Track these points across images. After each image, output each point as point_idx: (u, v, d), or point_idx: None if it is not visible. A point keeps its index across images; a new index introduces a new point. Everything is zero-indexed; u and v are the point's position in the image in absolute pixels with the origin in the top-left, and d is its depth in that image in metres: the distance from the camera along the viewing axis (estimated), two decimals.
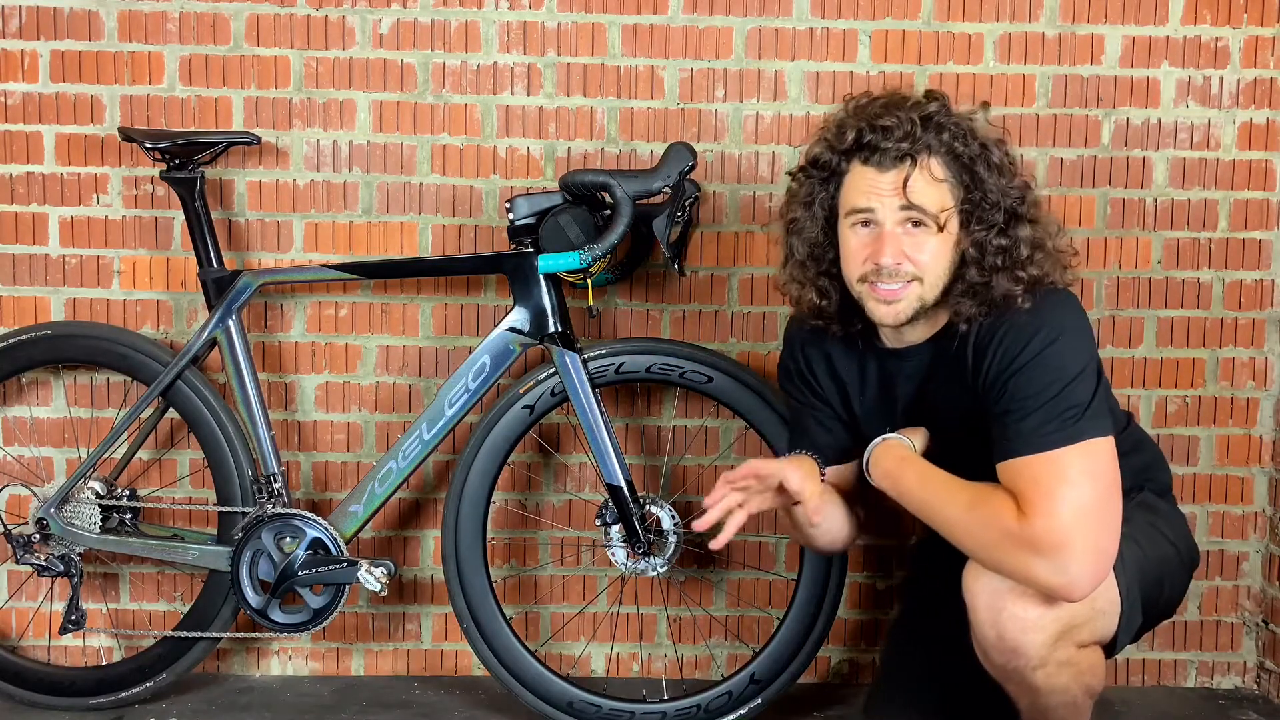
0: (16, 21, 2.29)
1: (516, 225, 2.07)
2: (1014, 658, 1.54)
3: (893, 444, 1.70)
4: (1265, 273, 2.37)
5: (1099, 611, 1.57)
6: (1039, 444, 1.51)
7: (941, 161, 1.59)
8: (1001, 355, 1.57)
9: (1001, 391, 1.56)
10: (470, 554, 2.16)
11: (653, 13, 2.31)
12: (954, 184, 1.60)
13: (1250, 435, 2.39)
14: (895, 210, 1.59)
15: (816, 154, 1.68)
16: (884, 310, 1.62)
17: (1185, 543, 1.77)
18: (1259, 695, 2.40)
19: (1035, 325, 1.57)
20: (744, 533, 2.39)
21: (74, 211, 2.34)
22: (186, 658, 2.22)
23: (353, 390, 2.38)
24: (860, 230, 1.63)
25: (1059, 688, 1.57)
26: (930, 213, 1.58)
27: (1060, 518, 1.46)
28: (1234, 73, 2.32)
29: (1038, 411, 1.52)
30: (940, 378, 1.69)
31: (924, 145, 1.58)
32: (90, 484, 2.22)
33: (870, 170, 1.61)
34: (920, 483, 1.63)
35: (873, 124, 1.60)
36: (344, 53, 2.31)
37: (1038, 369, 1.54)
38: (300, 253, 2.35)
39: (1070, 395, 1.52)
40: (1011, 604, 1.51)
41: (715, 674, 2.40)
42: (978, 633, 1.58)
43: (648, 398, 2.39)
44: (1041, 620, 1.51)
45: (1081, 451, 1.50)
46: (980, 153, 1.61)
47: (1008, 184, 1.62)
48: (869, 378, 1.78)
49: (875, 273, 1.61)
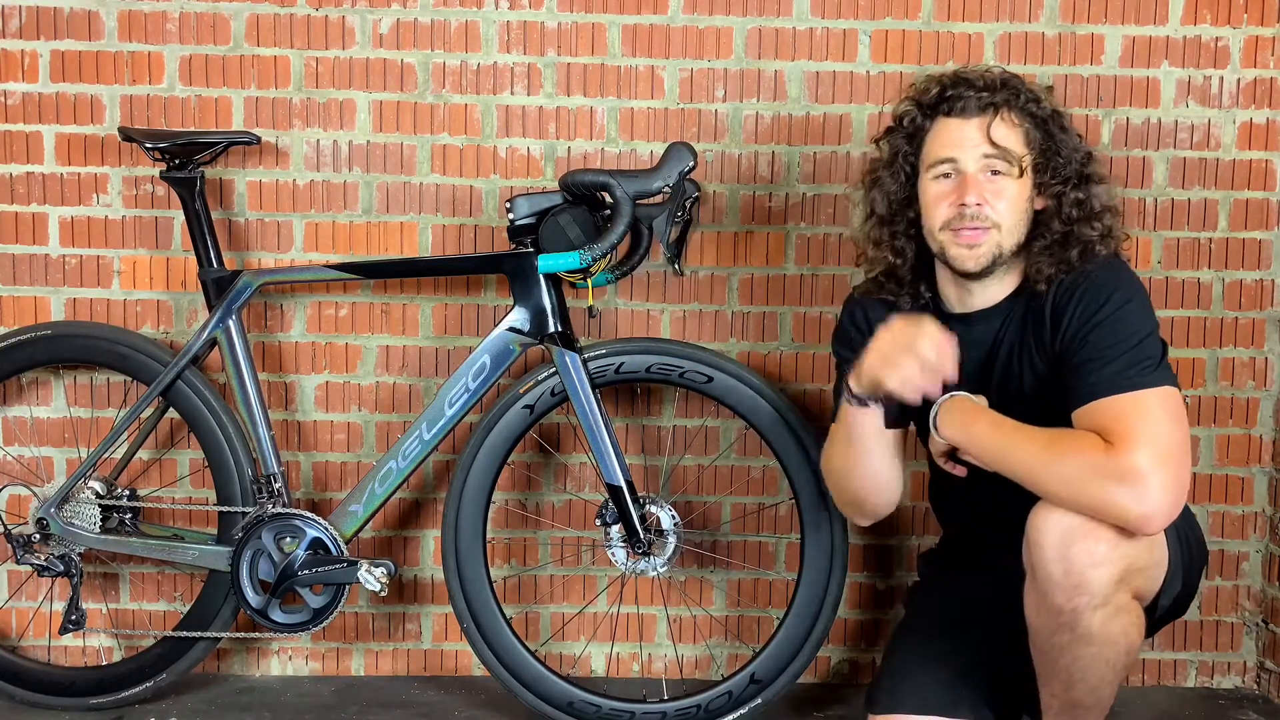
0: (16, 21, 2.29)
1: (516, 225, 2.07)
2: (1077, 594, 1.55)
3: (960, 399, 1.71)
4: (1265, 273, 2.37)
5: (1155, 561, 1.61)
6: (1125, 385, 1.58)
7: (1020, 114, 1.70)
8: (1082, 310, 1.65)
9: (1083, 343, 1.63)
10: (470, 554, 2.16)
11: (653, 13, 2.31)
12: (1032, 133, 1.70)
13: (1250, 435, 2.39)
14: (979, 157, 1.69)
15: (903, 111, 1.78)
16: (965, 255, 1.70)
17: (1201, 545, 1.81)
18: (1259, 695, 2.40)
19: (1113, 284, 1.66)
20: (744, 532, 2.41)
21: (74, 211, 2.34)
22: (186, 658, 2.22)
23: (353, 390, 2.38)
24: (943, 181, 1.72)
25: (1111, 637, 1.58)
26: (1014, 154, 1.68)
27: (1146, 450, 1.52)
28: (1234, 73, 2.33)
29: (1120, 358, 1.60)
30: (1011, 342, 1.75)
31: (1004, 98, 1.70)
32: (90, 484, 2.22)
33: (954, 120, 1.71)
34: (994, 428, 1.65)
35: (956, 78, 1.72)
36: (344, 53, 2.31)
37: (1119, 323, 1.62)
38: (300, 253, 2.35)
39: (1147, 347, 1.61)
40: (1083, 538, 1.54)
41: (715, 674, 2.40)
42: (1042, 572, 1.57)
43: (648, 398, 2.39)
44: (1111, 554, 1.54)
45: (1162, 395, 1.59)
46: (1053, 114, 1.73)
47: (1077, 145, 1.74)
48: None
49: (959, 217, 1.69)
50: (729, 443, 2.40)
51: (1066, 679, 1.62)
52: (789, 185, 2.34)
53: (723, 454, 2.40)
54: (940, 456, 1.75)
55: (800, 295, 2.36)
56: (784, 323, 2.37)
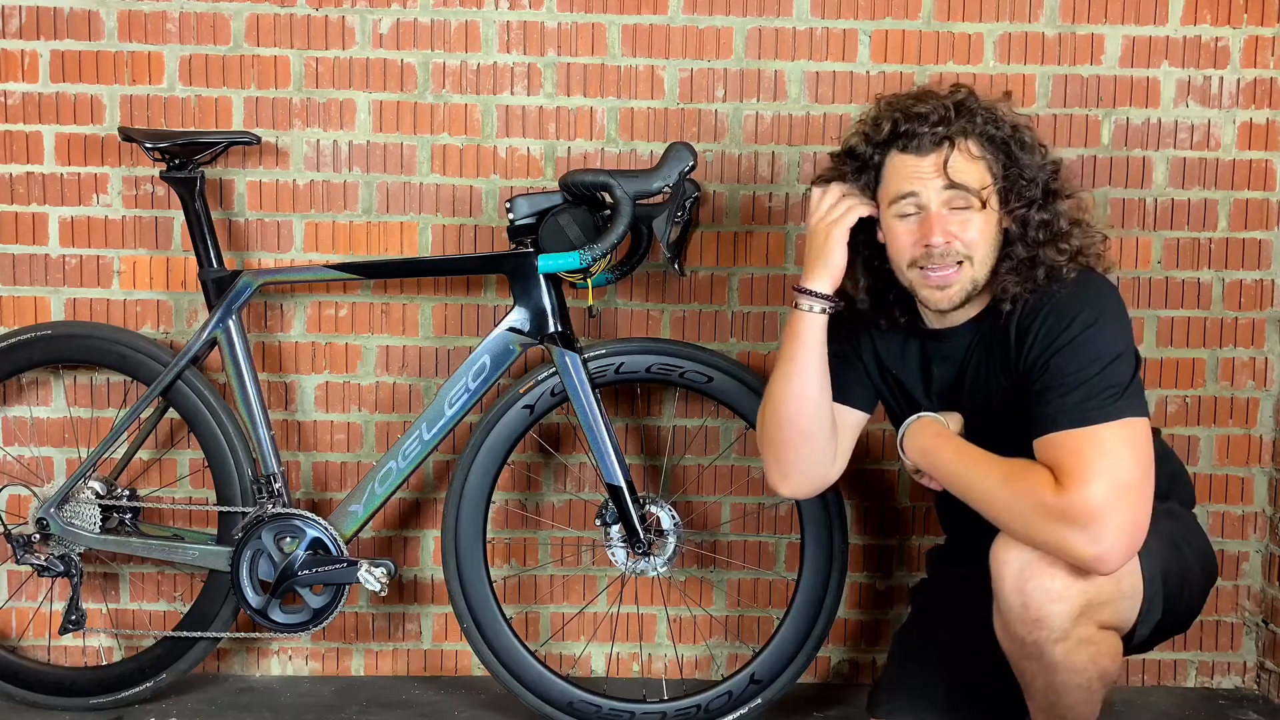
0: (16, 21, 2.29)
1: (516, 225, 2.07)
2: (1036, 629, 1.55)
3: (928, 421, 1.73)
4: (1265, 273, 2.37)
5: (1122, 594, 1.58)
6: (1080, 419, 1.54)
7: (977, 143, 1.64)
8: (1044, 334, 1.60)
9: (1043, 370, 1.59)
10: (470, 554, 2.16)
11: (653, 13, 2.31)
12: (991, 162, 1.65)
13: (1250, 435, 2.39)
14: (939, 191, 1.63)
15: (851, 145, 1.72)
16: (938, 295, 1.66)
17: (1206, 558, 1.79)
18: (1259, 695, 2.40)
19: (1078, 306, 1.60)
20: (744, 532, 2.41)
21: (74, 211, 2.34)
22: (186, 658, 2.22)
23: (353, 390, 2.38)
24: (909, 219, 1.66)
25: (1076, 666, 1.57)
26: (973, 189, 1.63)
27: (1098, 489, 1.49)
28: (1234, 73, 2.32)
29: (1079, 389, 1.55)
30: (979, 360, 1.72)
31: (959, 129, 1.63)
32: (90, 484, 2.22)
33: (910, 157, 1.65)
34: (956, 456, 1.65)
35: (908, 113, 1.65)
36: (344, 53, 2.31)
37: (1080, 348, 1.57)
38: (300, 253, 2.35)
39: (1110, 375, 1.56)
40: (1039, 574, 1.53)
41: (715, 674, 2.40)
42: (1002, 604, 1.58)
43: (648, 398, 2.39)
44: (1068, 591, 1.53)
45: (1120, 428, 1.53)
46: (1012, 133, 1.66)
47: (1041, 162, 1.67)
48: (909, 356, 1.80)
49: (926, 256, 1.64)
50: (729, 443, 2.40)
51: (1043, 699, 1.64)
52: (789, 185, 2.34)
53: (723, 454, 2.40)
54: (914, 472, 1.76)
55: None
56: (784, 323, 2.36)
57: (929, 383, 1.78)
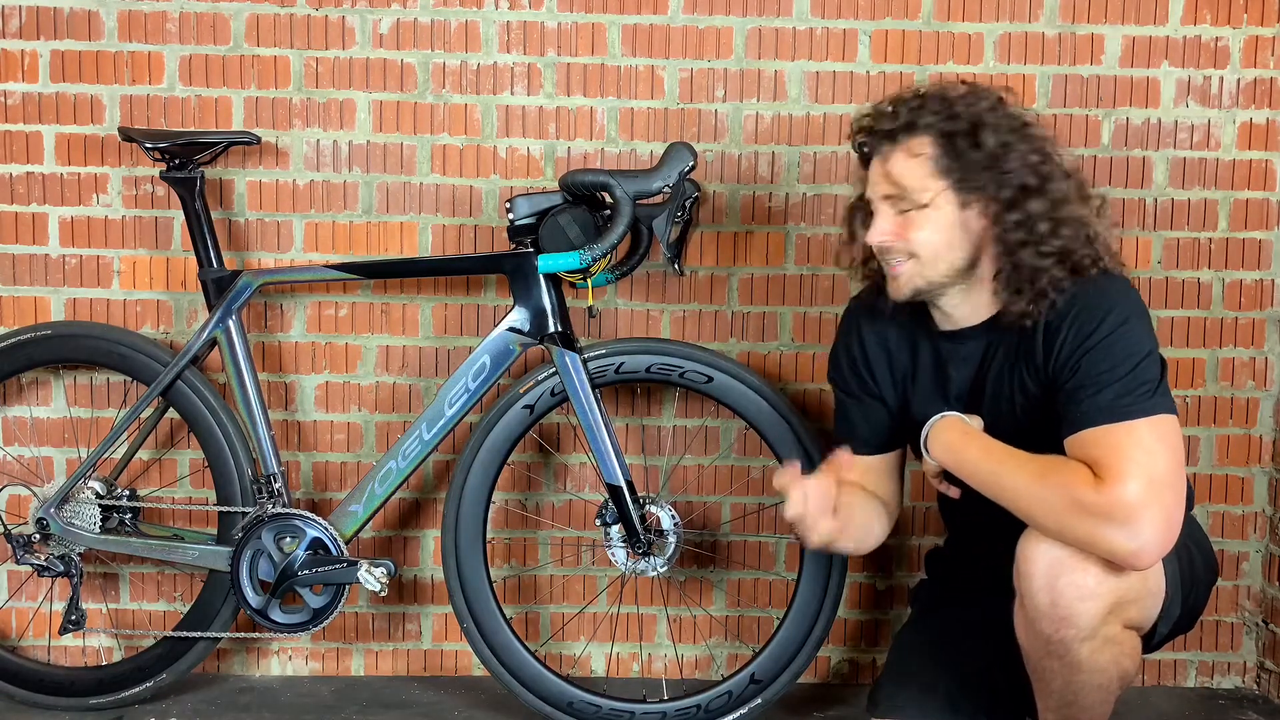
0: (16, 21, 2.29)
1: (516, 225, 2.07)
2: (1064, 626, 1.54)
3: (952, 419, 1.71)
4: (1265, 273, 2.37)
5: (1150, 592, 1.58)
6: (1116, 415, 1.53)
7: (930, 140, 1.63)
8: (1075, 334, 1.60)
9: (1075, 369, 1.59)
10: (470, 554, 2.16)
11: (653, 13, 2.31)
12: (938, 158, 1.62)
13: (1250, 435, 2.39)
14: (880, 195, 1.68)
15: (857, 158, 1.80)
16: (892, 285, 1.70)
17: (1209, 557, 1.79)
18: (1259, 695, 2.40)
19: (1107, 306, 1.59)
20: (744, 532, 2.41)
21: (74, 211, 2.34)
22: (186, 658, 2.22)
23: (353, 390, 2.38)
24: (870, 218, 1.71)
25: (1100, 666, 1.57)
26: (908, 189, 1.63)
27: (1136, 484, 1.48)
28: (1234, 73, 2.33)
29: (1113, 385, 1.55)
30: (1000, 363, 1.70)
31: (905, 124, 1.64)
32: (90, 484, 2.22)
33: (874, 163, 1.70)
34: (985, 454, 1.63)
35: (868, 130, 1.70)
36: (344, 53, 2.31)
37: (1113, 346, 1.57)
38: (300, 253, 2.35)
39: (1142, 372, 1.56)
40: (1071, 570, 1.52)
41: (715, 674, 2.40)
42: (1028, 601, 1.56)
43: (648, 398, 2.39)
44: (1099, 588, 1.52)
45: (1155, 424, 1.53)
46: (969, 129, 1.61)
47: (1017, 159, 1.61)
48: (921, 360, 1.79)
49: (879, 251, 1.70)
50: (729, 443, 2.40)
51: (1059, 699, 1.63)
52: (789, 185, 2.34)
53: (723, 454, 2.40)
54: (934, 477, 1.74)
55: (800, 295, 2.36)
56: (784, 323, 2.37)
57: (946, 385, 1.76)
